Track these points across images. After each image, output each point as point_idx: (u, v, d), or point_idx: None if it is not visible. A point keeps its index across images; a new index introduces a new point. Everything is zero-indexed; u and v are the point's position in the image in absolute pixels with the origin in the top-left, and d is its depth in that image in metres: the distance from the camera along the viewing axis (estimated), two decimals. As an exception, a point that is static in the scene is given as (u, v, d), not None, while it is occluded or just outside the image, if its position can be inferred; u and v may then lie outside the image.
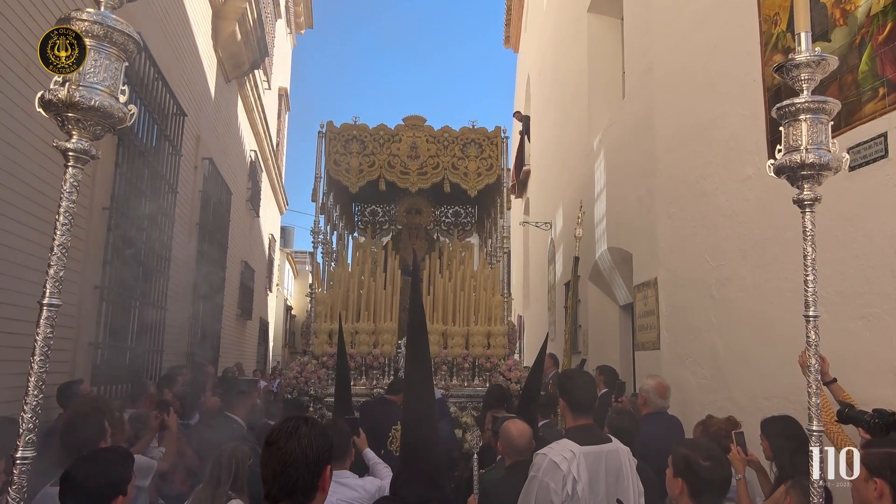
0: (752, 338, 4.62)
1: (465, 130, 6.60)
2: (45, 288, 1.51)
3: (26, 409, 1.47)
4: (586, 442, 2.68)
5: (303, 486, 1.64)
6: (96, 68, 1.55)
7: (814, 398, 1.87)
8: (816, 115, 1.90)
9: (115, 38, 1.56)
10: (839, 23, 3.87)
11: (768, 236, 4.47)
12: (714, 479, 2.37)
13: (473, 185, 6.48)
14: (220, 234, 10.06)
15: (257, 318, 14.85)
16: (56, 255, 1.54)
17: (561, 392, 2.93)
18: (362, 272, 6.36)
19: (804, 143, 1.90)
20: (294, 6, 17.10)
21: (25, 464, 1.46)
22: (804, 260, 1.94)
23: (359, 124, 6.55)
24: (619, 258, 7.62)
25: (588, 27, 9.10)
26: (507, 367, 5.86)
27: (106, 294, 5.49)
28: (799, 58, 1.88)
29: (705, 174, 5.34)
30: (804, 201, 1.94)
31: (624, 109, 7.64)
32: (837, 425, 3.01)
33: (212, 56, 9.20)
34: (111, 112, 1.55)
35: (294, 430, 1.68)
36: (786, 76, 1.93)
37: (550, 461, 2.60)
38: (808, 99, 1.89)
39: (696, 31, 5.59)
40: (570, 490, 2.52)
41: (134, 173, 6.07)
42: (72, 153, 1.55)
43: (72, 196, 1.56)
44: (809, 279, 1.93)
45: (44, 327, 1.50)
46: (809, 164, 1.88)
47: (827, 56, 1.88)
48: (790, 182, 1.99)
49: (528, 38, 15.85)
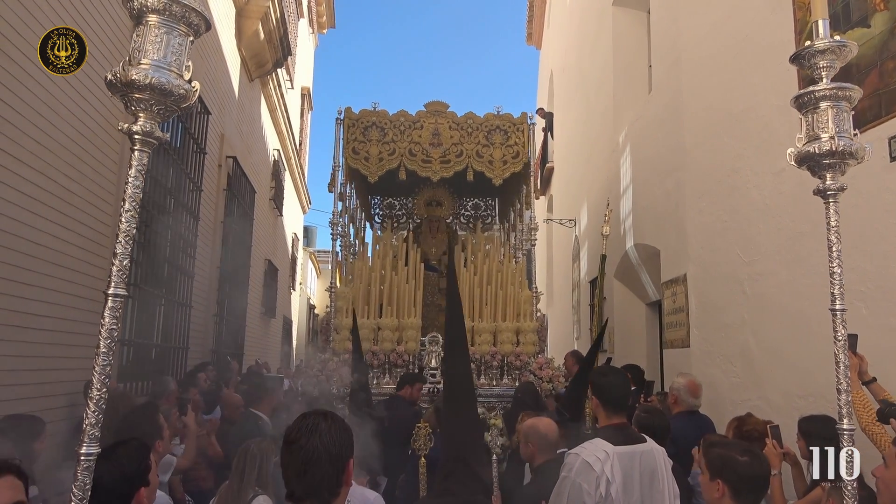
0: (786, 335, 4.48)
1: (490, 117, 6.35)
2: (110, 277, 1.45)
3: (90, 403, 1.41)
4: (620, 442, 2.59)
5: (328, 484, 1.59)
6: (156, 45, 1.47)
7: (844, 395, 1.87)
8: (838, 102, 1.85)
9: (174, 10, 1.47)
10: (879, 7, 3.73)
11: (803, 230, 4.34)
12: (755, 474, 2.24)
13: (499, 173, 6.22)
14: (244, 232, 10.10)
15: (281, 317, 14.92)
16: (121, 244, 1.45)
17: (594, 390, 2.84)
18: (383, 266, 6.21)
19: (830, 131, 1.85)
20: (316, 6, 17.15)
21: (89, 460, 1.39)
22: (829, 252, 1.89)
23: (378, 110, 6.31)
24: (645, 255, 7.49)
25: (613, 21, 8.97)
26: (537, 365, 5.65)
27: (132, 291, 5.52)
28: (818, 44, 1.83)
29: (737, 167, 5.21)
30: (828, 191, 1.91)
31: (651, 103, 7.50)
32: (879, 425, 2.89)
33: (235, 55, 9.24)
34: (170, 90, 1.46)
35: (314, 426, 1.62)
36: (805, 64, 1.89)
37: (583, 461, 2.51)
38: (829, 86, 1.84)
39: (727, 20, 5.45)
40: (604, 492, 2.43)
41: (159, 171, 6.09)
42: (137, 136, 1.48)
43: (137, 181, 1.47)
44: (836, 272, 1.88)
45: (108, 318, 1.44)
46: (833, 153, 1.83)
47: (847, 42, 1.83)
48: (812, 172, 1.95)
49: (551, 35, 15.71)
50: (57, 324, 4.21)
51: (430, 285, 6.68)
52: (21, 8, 3.72)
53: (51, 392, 4.12)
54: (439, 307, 6.66)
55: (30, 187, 3.91)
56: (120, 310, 1.47)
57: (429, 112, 6.35)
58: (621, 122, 8.51)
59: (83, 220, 4.55)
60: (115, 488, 1.99)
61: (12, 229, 3.73)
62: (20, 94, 3.75)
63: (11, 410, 3.33)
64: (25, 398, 3.77)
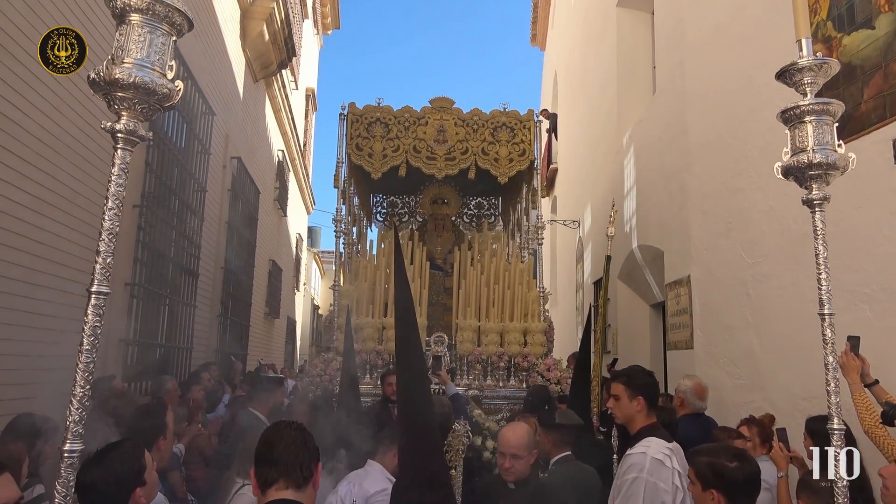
0: (790, 336, 4.47)
1: (496, 113, 6.24)
2: (93, 275, 1.45)
3: (73, 401, 1.42)
4: (667, 438, 2.61)
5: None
6: (139, 44, 1.49)
7: (833, 397, 1.96)
8: (821, 116, 1.96)
9: (157, 10, 1.50)
10: (884, 9, 3.72)
11: (807, 232, 4.27)
12: (747, 477, 2.20)
13: (504, 171, 6.11)
14: (248, 232, 10.12)
15: (285, 317, 14.93)
16: (104, 242, 1.47)
17: (642, 391, 2.83)
18: (388, 264, 6.12)
19: (810, 144, 1.95)
20: (321, 7, 17.18)
21: (73, 457, 1.40)
22: (816, 259, 2.00)
23: (382, 106, 6.21)
24: (649, 256, 7.48)
25: (617, 22, 8.97)
26: (545, 366, 5.55)
27: (136, 291, 5.53)
28: (801, 62, 1.94)
29: (741, 169, 5.20)
30: (813, 201, 2.00)
31: (655, 105, 7.50)
32: (883, 428, 2.88)
33: (240, 56, 9.26)
34: (153, 88, 1.47)
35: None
36: (789, 81, 2.00)
37: (653, 459, 2.47)
38: (812, 101, 1.95)
39: (732, 22, 5.45)
40: (679, 483, 2.43)
41: (164, 171, 6.11)
42: (120, 134, 1.50)
43: (120, 179, 1.50)
44: (822, 277, 1.99)
45: (92, 316, 1.45)
46: (817, 164, 1.94)
47: (828, 60, 1.93)
48: (798, 183, 2.04)
49: (555, 35, 15.71)
50: (63, 323, 4.21)
51: (435, 284, 6.63)
52: (26, 8, 3.74)
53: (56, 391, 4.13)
54: (445, 307, 6.64)
55: (36, 188, 3.92)
56: (104, 307, 1.48)
57: (434, 108, 6.24)
58: (625, 124, 8.50)
59: (89, 220, 4.56)
60: (108, 491, 1.97)
61: (18, 229, 3.75)
62: (26, 95, 3.77)
63: (17, 410, 3.33)
64: (30, 398, 3.78)
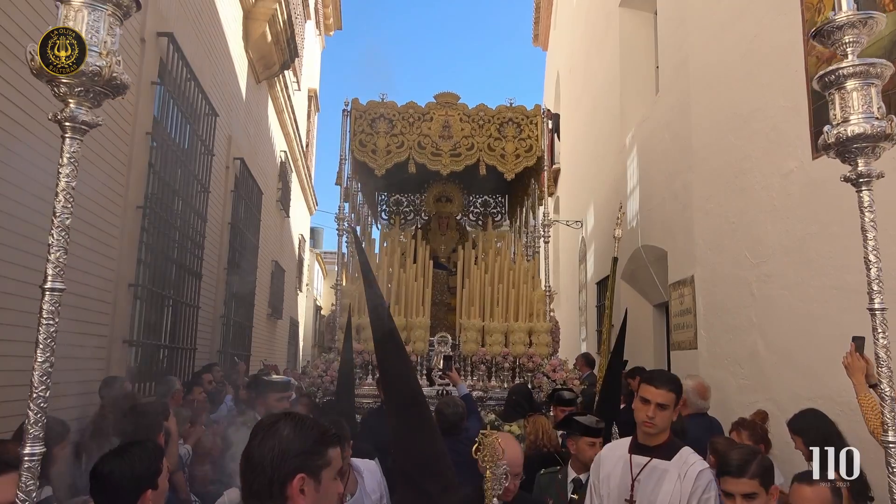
0: (794, 337, 4.46)
1: (502, 109, 6.12)
2: (45, 272, 1.38)
3: (31, 403, 1.35)
4: None
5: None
6: (87, 28, 1.41)
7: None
8: (867, 80, 1.65)
9: None
10: (889, 8, 3.70)
11: (812, 232, 4.31)
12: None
13: (511, 167, 5.98)
14: (251, 233, 10.13)
15: (287, 318, 14.94)
16: (53, 235, 1.41)
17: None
18: (391, 263, 6.06)
19: (855, 111, 1.64)
20: (323, 8, 17.19)
21: (33, 461, 1.33)
22: (864, 243, 1.67)
23: (386, 102, 6.09)
24: (652, 256, 7.46)
25: (620, 22, 8.96)
26: (551, 367, 5.48)
27: (140, 292, 5.54)
28: (839, 18, 1.65)
29: (744, 168, 5.18)
30: (860, 178, 1.68)
31: (658, 104, 7.48)
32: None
33: (242, 57, 9.27)
34: (97, 72, 1.39)
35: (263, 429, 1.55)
36: (826, 41, 1.71)
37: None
38: (855, 62, 1.64)
39: (735, 21, 5.43)
40: None
41: (167, 172, 6.12)
42: (67, 123, 1.41)
43: (68, 169, 1.41)
44: (871, 260, 1.63)
45: (46, 314, 1.38)
46: (864, 136, 1.63)
47: (874, 13, 1.64)
48: (840, 158, 1.75)
49: (558, 36, 15.69)
50: (65, 324, 4.22)
51: (439, 283, 6.57)
52: (29, 9, 3.75)
53: (61, 392, 4.14)
54: (449, 306, 6.60)
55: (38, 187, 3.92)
56: (58, 304, 1.39)
57: (439, 104, 6.13)
58: (628, 124, 8.49)
59: (90, 220, 4.56)
60: (123, 485, 1.99)
61: (20, 230, 3.75)
62: (27, 95, 3.77)
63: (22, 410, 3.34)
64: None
